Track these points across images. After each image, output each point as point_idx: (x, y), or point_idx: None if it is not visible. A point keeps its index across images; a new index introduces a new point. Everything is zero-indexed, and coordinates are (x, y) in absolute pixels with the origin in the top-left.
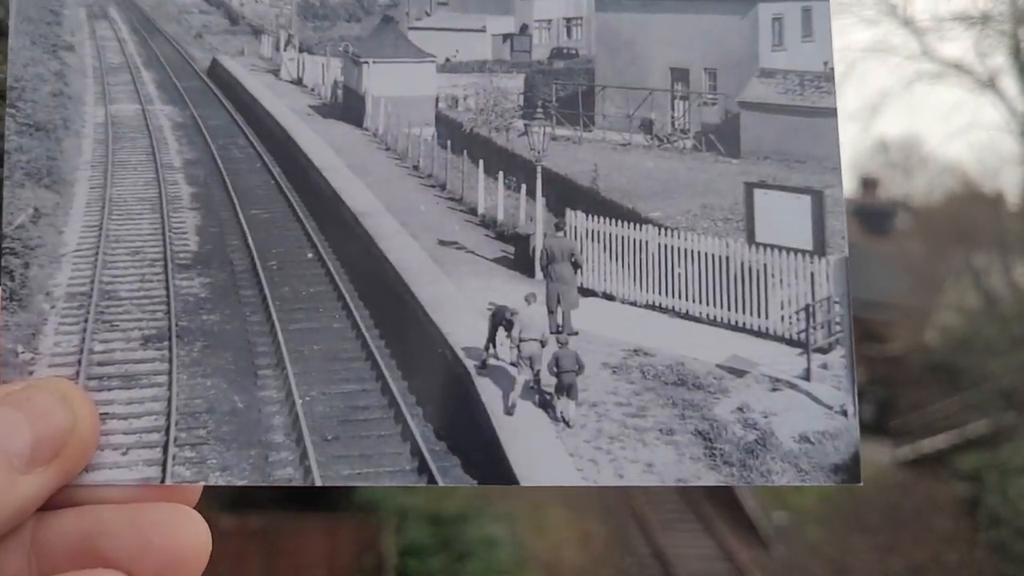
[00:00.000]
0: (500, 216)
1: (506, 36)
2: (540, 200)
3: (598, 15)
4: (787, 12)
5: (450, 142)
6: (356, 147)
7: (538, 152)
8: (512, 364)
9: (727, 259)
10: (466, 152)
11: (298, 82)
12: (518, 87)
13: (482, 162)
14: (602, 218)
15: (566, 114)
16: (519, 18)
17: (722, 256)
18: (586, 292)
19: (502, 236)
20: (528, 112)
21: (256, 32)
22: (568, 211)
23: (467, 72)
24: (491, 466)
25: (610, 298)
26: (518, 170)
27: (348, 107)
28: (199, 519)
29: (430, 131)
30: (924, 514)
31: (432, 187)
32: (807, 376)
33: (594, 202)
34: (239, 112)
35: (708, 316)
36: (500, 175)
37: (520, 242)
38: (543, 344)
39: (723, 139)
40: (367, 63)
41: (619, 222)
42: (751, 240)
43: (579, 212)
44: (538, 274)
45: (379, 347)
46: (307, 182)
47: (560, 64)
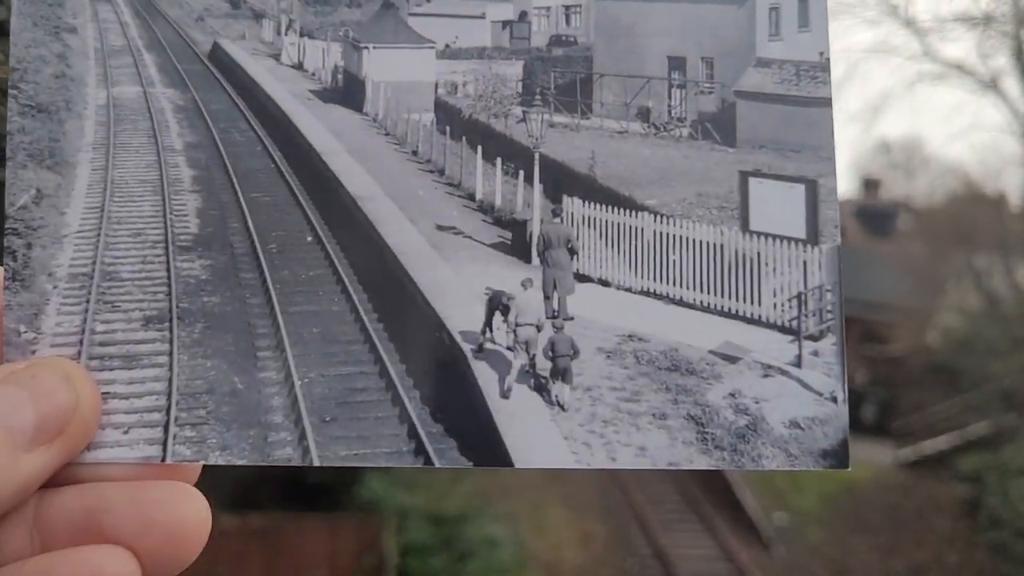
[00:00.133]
0: (498, 202)
1: (505, 23)
2: (537, 186)
3: (597, 3)
4: (784, 2)
5: (449, 128)
6: (356, 132)
7: (536, 139)
8: (508, 348)
9: (721, 247)
10: (465, 138)
11: (299, 67)
12: (517, 74)
13: (480, 148)
14: (598, 205)
15: (564, 101)
16: (518, 5)
17: (716, 244)
18: (582, 278)
19: (499, 222)
20: (526, 99)
21: (257, 16)
22: (565, 198)
23: (466, 58)
24: (487, 448)
25: (605, 284)
26: (516, 156)
27: (348, 92)
28: (199, 496)
29: (429, 117)
30: (925, 515)
31: (431, 172)
32: (798, 363)
33: (591, 189)
34: (240, 96)
35: (702, 303)
36: (498, 161)
37: (517, 228)
38: (539, 329)
39: (719, 128)
40: (367, 48)
41: (615, 209)
42: (745, 228)
43: (576, 199)
44: (535, 260)
45: (377, 330)
46: (307, 166)
47: (559, 51)
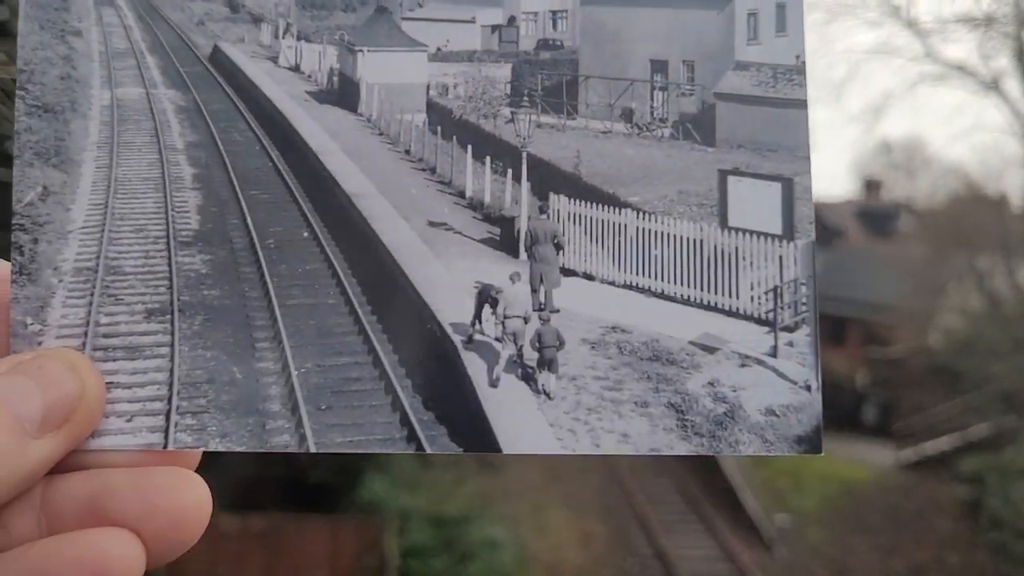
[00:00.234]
0: (487, 199)
1: (495, 27)
2: (525, 184)
3: (583, 8)
4: (762, 7)
5: (440, 128)
6: (351, 132)
7: (524, 138)
8: (497, 339)
9: (701, 242)
10: (455, 138)
11: (296, 69)
12: (505, 76)
13: (470, 147)
14: (584, 202)
15: (551, 103)
16: (507, 10)
17: (696, 239)
18: (568, 272)
19: (489, 218)
20: (515, 100)
21: (256, 20)
22: (551, 195)
23: (457, 61)
24: (476, 435)
25: (590, 278)
26: (505, 155)
27: (343, 93)
28: (200, 482)
29: (421, 117)
30: (926, 516)
31: (423, 171)
32: (774, 353)
33: (576, 187)
34: (239, 97)
35: (682, 296)
36: (487, 160)
37: (506, 224)
38: (526, 321)
39: (699, 128)
40: (362, 51)
41: (600, 206)
42: (724, 224)
43: (562, 196)
44: (522, 255)
45: (371, 322)
46: (304, 165)
47: (546, 55)
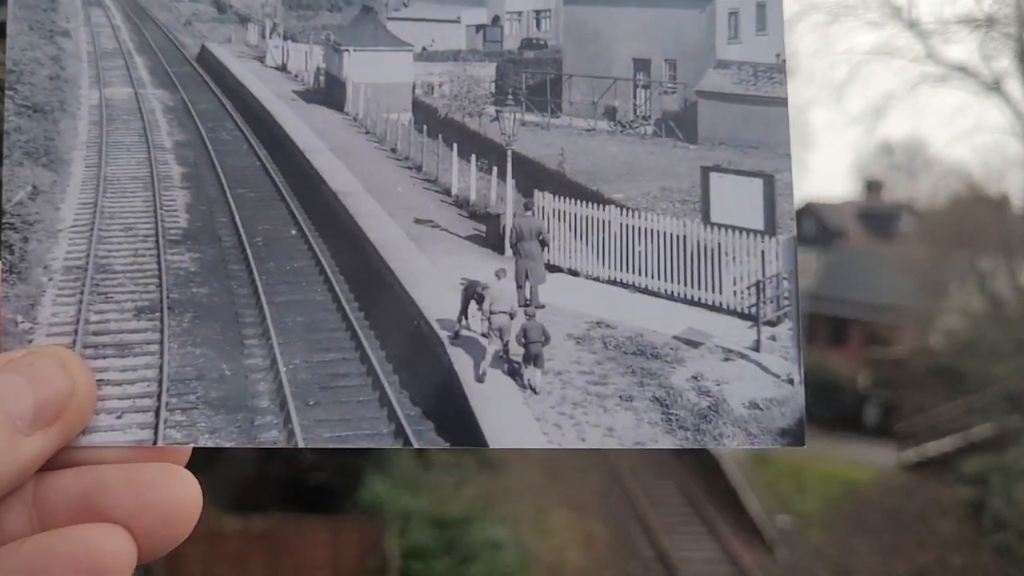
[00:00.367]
0: (472, 196)
1: (479, 27)
2: (510, 182)
3: (566, 8)
4: (743, 7)
5: (426, 126)
6: (337, 131)
7: (508, 137)
8: (483, 335)
9: (684, 238)
10: (441, 136)
11: (283, 68)
12: (490, 75)
13: (456, 146)
14: (568, 199)
15: (535, 101)
16: (491, 10)
17: (679, 235)
18: (552, 268)
19: (474, 215)
20: (499, 99)
21: (243, 20)
22: (536, 192)
23: (442, 60)
24: (463, 430)
25: (575, 274)
26: (490, 153)
27: (330, 93)
28: (191, 478)
29: (407, 116)
30: (928, 517)
31: (409, 169)
32: (757, 347)
33: (561, 184)
34: (227, 97)
35: (666, 291)
36: (473, 158)
37: (491, 221)
38: (512, 316)
39: (681, 126)
40: (348, 51)
41: (584, 203)
42: (706, 220)
43: (546, 193)
44: (508, 251)
45: (358, 319)
46: (291, 163)
47: (530, 54)
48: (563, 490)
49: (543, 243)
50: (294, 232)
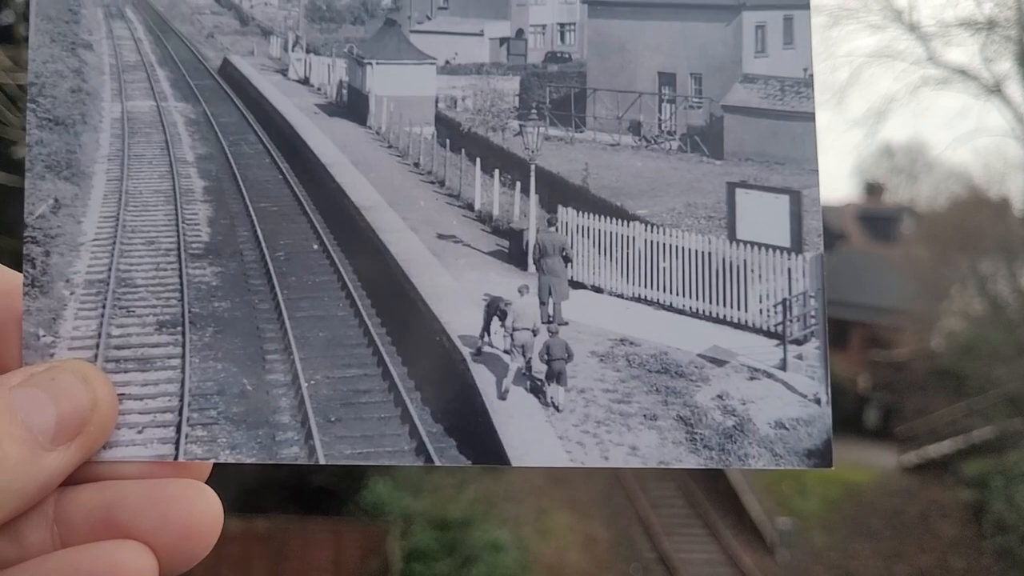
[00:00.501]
0: (495, 212)
1: (503, 40)
2: (533, 197)
3: (591, 21)
4: (770, 20)
5: (449, 141)
6: (360, 144)
7: (532, 151)
8: (505, 352)
9: (709, 255)
10: (464, 150)
11: (305, 81)
12: (514, 89)
13: (479, 160)
14: (592, 214)
15: (559, 115)
16: (515, 23)
17: (705, 252)
18: (576, 284)
19: (497, 231)
20: (523, 113)
21: (265, 33)
22: (560, 207)
23: (465, 74)
24: (485, 447)
25: (598, 290)
26: (513, 168)
27: (352, 106)
28: (211, 494)
29: (430, 130)
30: (929, 520)
31: (431, 183)
32: (783, 366)
33: (584, 199)
34: (249, 110)
35: (691, 308)
36: (496, 173)
37: (514, 237)
38: (535, 333)
39: (707, 141)
40: (370, 64)
41: (608, 218)
42: (732, 237)
43: (570, 209)
44: (531, 267)
45: (380, 334)
46: (313, 177)
47: (554, 67)
48: (564, 492)
49: (566, 259)
50: (316, 246)
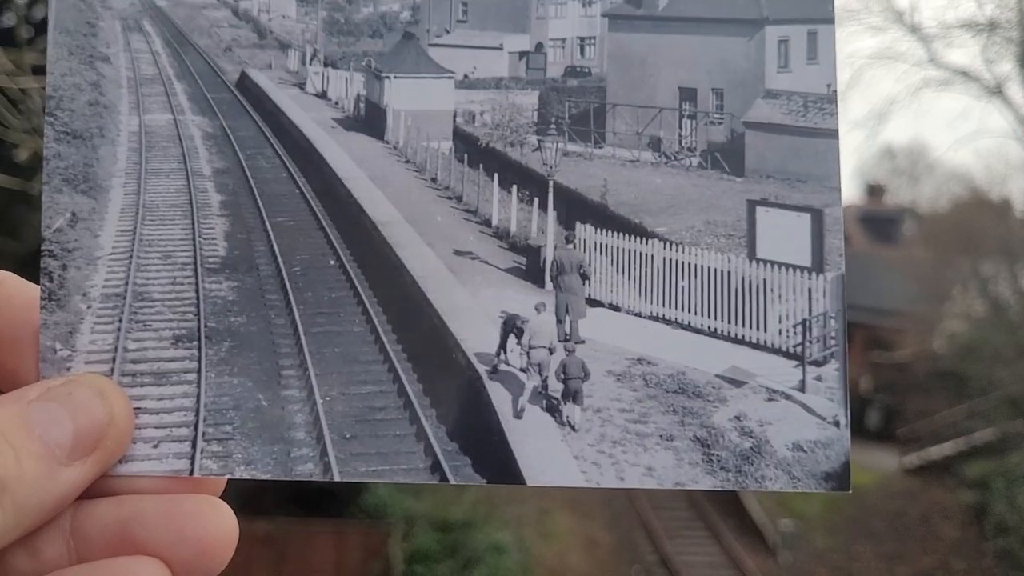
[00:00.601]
0: (513, 228)
1: (522, 54)
2: (551, 213)
3: (611, 35)
4: (793, 35)
5: (466, 156)
6: (377, 159)
7: (550, 167)
8: (522, 370)
9: (729, 274)
10: (482, 166)
11: (323, 95)
12: (532, 103)
13: (497, 176)
14: (610, 232)
15: (578, 130)
16: (535, 37)
17: (724, 271)
18: (593, 303)
19: (515, 247)
20: (541, 128)
21: (283, 46)
22: (578, 224)
23: (484, 88)
24: (500, 466)
25: (616, 309)
26: (531, 184)
27: (370, 120)
28: (227, 509)
29: (448, 145)
30: (931, 521)
31: (449, 199)
32: (802, 388)
33: (603, 216)
34: (266, 124)
35: (709, 328)
36: (514, 188)
37: (532, 253)
38: (551, 351)
39: (728, 157)
40: (389, 78)
41: (626, 236)
42: (752, 256)
43: (588, 226)
44: (548, 284)
45: (396, 351)
46: (330, 192)
47: (573, 82)
48: (566, 494)
49: (584, 277)
50: (332, 262)
